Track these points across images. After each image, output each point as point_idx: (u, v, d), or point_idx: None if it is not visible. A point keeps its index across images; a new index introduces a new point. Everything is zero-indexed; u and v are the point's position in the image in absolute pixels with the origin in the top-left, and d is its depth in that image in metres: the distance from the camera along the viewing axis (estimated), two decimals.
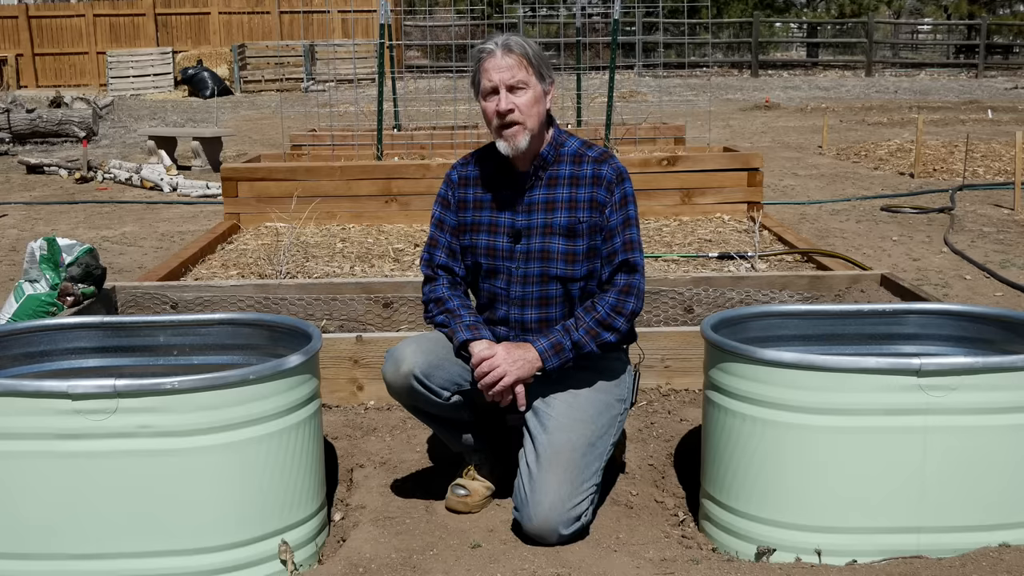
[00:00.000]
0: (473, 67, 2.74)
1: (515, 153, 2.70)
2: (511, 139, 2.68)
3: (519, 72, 2.66)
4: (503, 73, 2.66)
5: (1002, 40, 30.24)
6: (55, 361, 2.82)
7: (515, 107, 2.66)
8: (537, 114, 2.70)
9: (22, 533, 2.30)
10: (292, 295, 4.49)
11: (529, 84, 2.68)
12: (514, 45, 2.67)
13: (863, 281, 4.48)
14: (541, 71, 2.70)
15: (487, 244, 2.79)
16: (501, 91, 2.66)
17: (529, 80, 2.68)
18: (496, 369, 2.63)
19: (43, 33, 24.42)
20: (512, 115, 2.66)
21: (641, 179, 6.71)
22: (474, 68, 2.73)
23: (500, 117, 2.67)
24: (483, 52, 2.70)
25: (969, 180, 9.03)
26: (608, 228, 2.72)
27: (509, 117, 2.66)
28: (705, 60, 27.34)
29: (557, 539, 2.54)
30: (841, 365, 2.38)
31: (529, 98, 2.67)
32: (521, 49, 2.67)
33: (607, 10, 12.38)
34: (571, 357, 2.68)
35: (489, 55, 2.68)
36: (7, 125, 12.78)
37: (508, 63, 2.66)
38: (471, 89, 2.79)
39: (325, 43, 22.18)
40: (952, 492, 2.41)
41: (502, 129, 2.68)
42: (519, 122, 2.67)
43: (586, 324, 2.68)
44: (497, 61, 2.66)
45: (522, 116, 2.67)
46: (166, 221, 7.90)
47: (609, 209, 2.72)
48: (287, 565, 2.42)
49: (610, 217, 2.72)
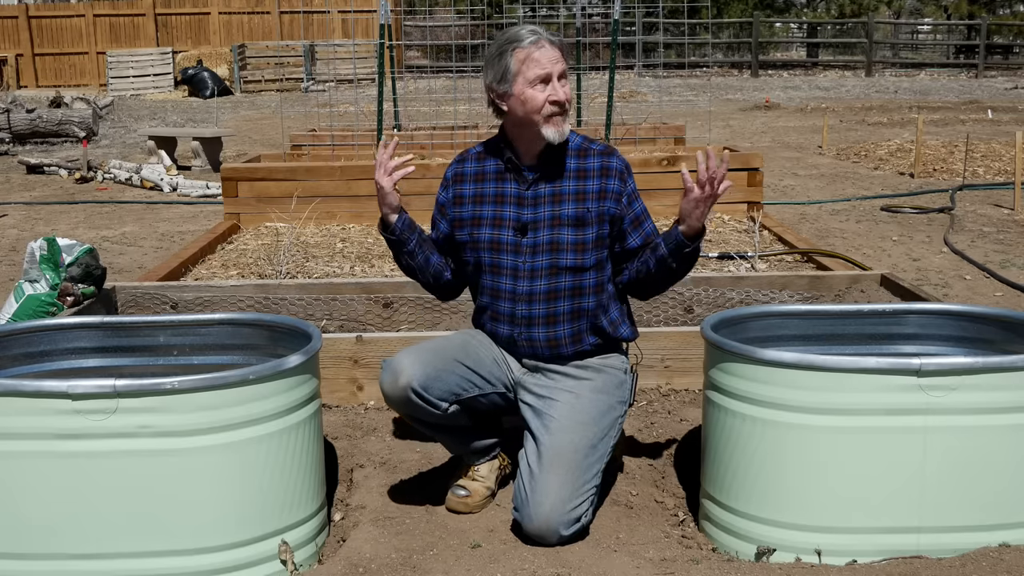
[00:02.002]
0: (502, 56, 2.69)
1: (561, 139, 2.75)
2: (560, 126, 2.73)
3: (564, 63, 2.74)
4: (557, 64, 2.70)
5: (1002, 40, 30.24)
6: (55, 361, 2.82)
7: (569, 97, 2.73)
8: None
9: (22, 533, 2.30)
10: (292, 295, 4.49)
11: (567, 75, 2.75)
12: (555, 37, 2.74)
13: (863, 281, 4.48)
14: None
15: (490, 238, 2.79)
16: (554, 80, 2.70)
17: (566, 72, 2.76)
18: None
19: (43, 33, 24.43)
20: (567, 104, 2.73)
21: (641, 179, 6.64)
22: (505, 57, 2.69)
23: (558, 106, 2.71)
24: (523, 41, 2.69)
25: (969, 180, 9.03)
26: (635, 215, 2.79)
27: (566, 107, 2.73)
28: (705, 60, 27.34)
29: (557, 540, 2.54)
30: (841, 365, 2.38)
31: (570, 89, 2.76)
32: (559, 41, 2.74)
33: (607, 10, 12.37)
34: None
35: (536, 45, 2.68)
36: (7, 125, 12.78)
37: (558, 54, 2.71)
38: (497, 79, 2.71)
39: (325, 43, 22.18)
40: (952, 492, 2.41)
41: (553, 116, 2.71)
42: (568, 111, 2.74)
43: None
44: (549, 52, 2.69)
45: (569, 106, 2.75)
46: (166, 221, 7.90)
47: (627, 198, 2.78)
48: (287, 565, 2.42)
49: (632, 206, 2.79)
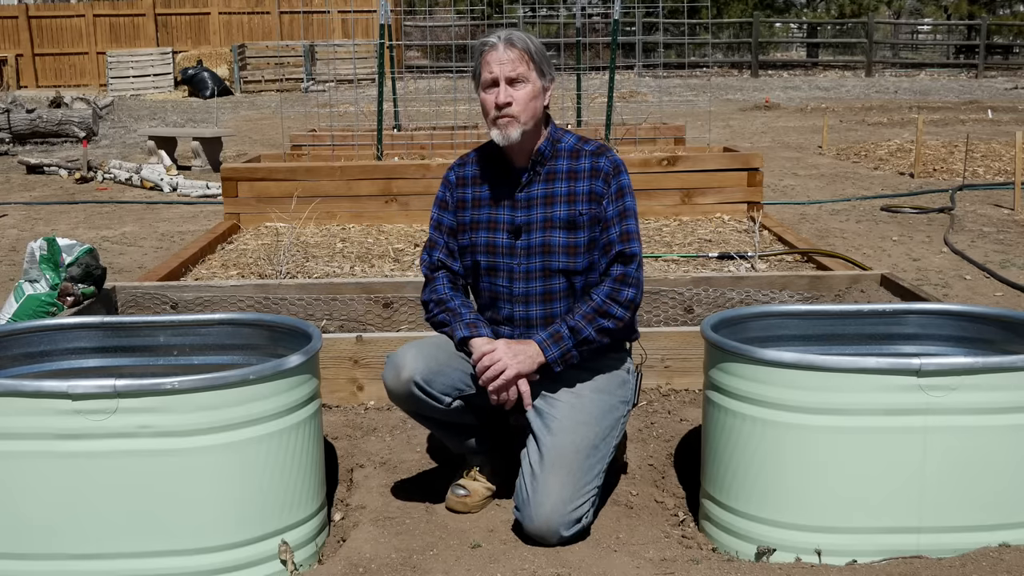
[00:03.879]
0: (475, 60, 2.76)
1: (507, 143, 2.72)
2: (504, 128, 2.70)
3: (520, 66, 2.69)
4: (504, 66, 2.68)
5: (1002, 40, 30.24)
6: (55, 361, 2.82)
7: (512, 100, 2.68)
8: (533, 109, 2.72)
9: (22, 533, 2.30)
10: (292, 295, 4.49)
11: (529, 79, 2.70)
12: (516, 40, 2.71)
13: (863, 281, 4.48)
14: (542, 67, 2.73)
15: (487, 241, 2.80)
16: (501, 83, 2.69)
17: (529, 75, 2.70)
18: (497, 363, 2.63)
19: (43, 33, 24.42)
20: (508, 108, 2.68)
21: (641, 179, 6.71)
22: (476, 61, 2.76)
23: (497, 109, 2.69)
24: (485, 45, 2.73)
25: (969, 180, 9.03)
26: (605, 219, 2.74)
27: (506, 110, 2.68)
28: (705, 60, 27.34)
29: (558, 540, 2.54)
30: (841, 365, 2.38)
31: (527, 92, 2.70)
32: (523, 44, 2.70)
33: (607, 10, 12.38)
34: (571, 346, 2.67)
35: (491, 48, 2.70)
36: (7, 125, 12.78)
37: (510, 56, 2.69)
38: (473, 82, 2.81)
39: (325, 43, 22.18)
40: (952, 492, 2.41)
41: (497, 120, 2.70)
42: (514, 115, 2.69)
43: (582, 311, 2.69)
44: (499, 54, 2.69)
45: (518, 109, 2.69)
46: (166, 221, 7.90)
47: (606, 200, 2.74)
48: (287, 565, 2.42)
49: (607, 208, 2.74)
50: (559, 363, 2.68)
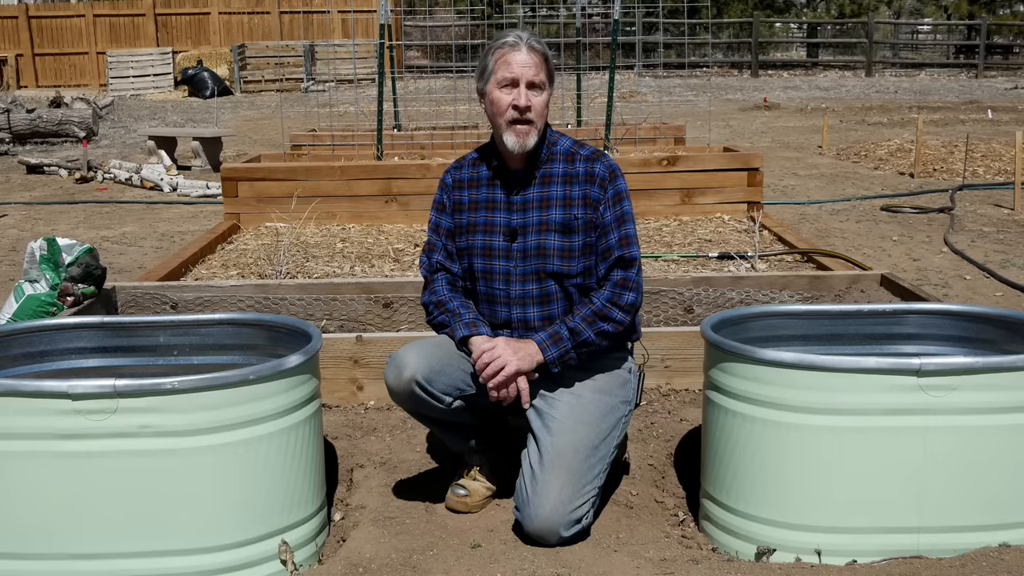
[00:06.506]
0: (486, 55, 2.73)
1: (522, 151, 2.71)
2: (522, 136, 2.70)
3: (541, 72, 2.69)
4: (528, 70, 2.67)
5: (1002, 40, 30.24)
6: (55, 361, 2.82)
7: (531, 105, 2.68)
8: (546, 116, 2.74)
9: (22, 533, 2.30)
10: (292, 295, 4.49)
11: (546, 87, 2.72)
12: (537, 45, 2.70)
13: (863, 281, 4.48)
14: (552, 75, 2.75)
15: (483, 244, 2.80)
16: (521, 86, 2.68)
17: (546, 83, 2.72)
18: (497, 359, 2.63)
19: (43, 33, 24.43)
20: (529, 114, 2.68)
21: (641, 179, 6.71)
22: (488, 56, 2.73)
23: (518, 111, 2.68)
24: (505, 43, 2.70)
25: (969, 180, 9.03)
26: (603, 225, 2.74)
27: (527, 114, 2.68)
28: (705, 60, 27.34)
29: (558, 540, 2.54)
30: (841, 365, 2.38)
31: (543, 100, 2.71)
32: (543, 50, 2.71)
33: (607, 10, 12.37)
34: (570, 347, 2.67)
35: (513, 48, 2.69)
36: (7, 125, 12.78)
37: (534, 60, 2.68)
38: (477, 79, 2.79)
39: (325, 43, 22.19)
40: (952, 492, 2.41)
41: (515, 124, 2.69)
42: (532, 121, 2.69)
43: (583, 314, 2.69)
44: (523, 56, 2.68)
45: (536, 116, 2.70)
46: (166, 221, 7.90)
47: (603, 206, 2.74)
48: (287, 565, 2.42)
49: (604, 214, 2.74)
50: (557, 364, 2.68)
